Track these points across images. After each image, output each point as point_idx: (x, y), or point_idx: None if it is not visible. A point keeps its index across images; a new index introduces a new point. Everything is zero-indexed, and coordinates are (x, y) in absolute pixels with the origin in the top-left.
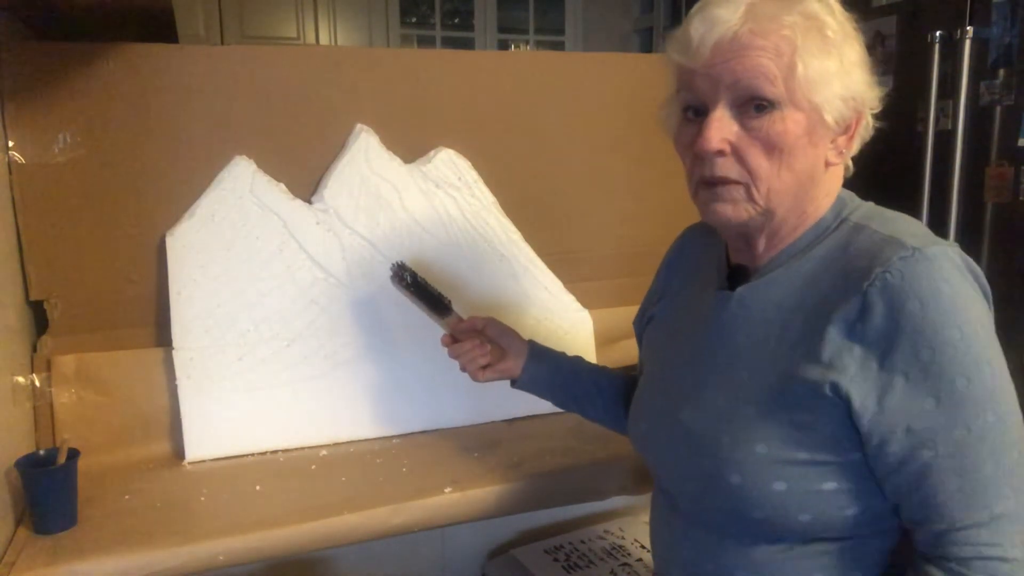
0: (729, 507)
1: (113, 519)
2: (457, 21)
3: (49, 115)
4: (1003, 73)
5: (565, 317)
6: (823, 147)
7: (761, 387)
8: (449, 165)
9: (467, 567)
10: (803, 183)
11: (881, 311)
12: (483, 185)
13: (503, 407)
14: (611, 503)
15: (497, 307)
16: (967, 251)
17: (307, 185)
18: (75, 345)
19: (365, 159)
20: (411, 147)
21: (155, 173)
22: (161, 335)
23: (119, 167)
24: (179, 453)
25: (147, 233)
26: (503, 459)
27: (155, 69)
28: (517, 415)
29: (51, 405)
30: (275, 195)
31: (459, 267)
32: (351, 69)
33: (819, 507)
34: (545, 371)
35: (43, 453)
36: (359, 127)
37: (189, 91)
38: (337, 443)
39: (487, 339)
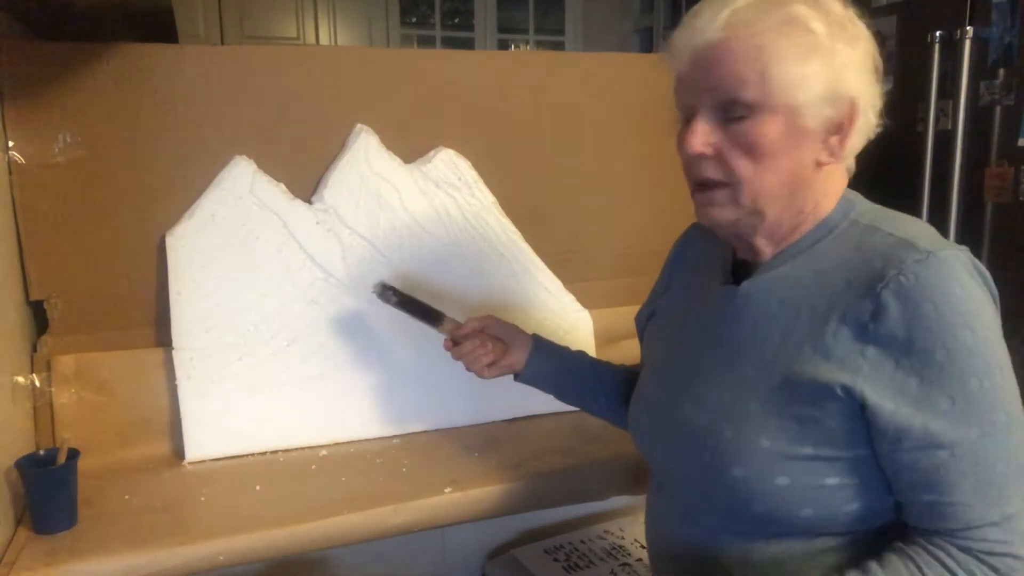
0: (729, 501)
1: (113, 519)
2: (457, 21)
3: (49, 115)
4: (1003, 73)
5: (565, 317)
6: (809, 148)
7: (766, 382)
8: (449, 165)
9: (467, 567)
10: (790, 184)
11: (896, 313)
12: (483, 185)
13: (503, 407)
14: (611, 503)
15: (497, 307)
16: None
17: (307, 185)
18: (75, 345)
19: (365, 159)
20: (411, 147)
21: (155, 173)
22: (161, 335)
23: (119, 167)
24: (179, 453)
25: (147, 233)
26: (503, 459)
27: (155, 69)
28: (517, 415)
29: (51, 405)
30: (275, 195)
31: (459, 267)
32: (351, 69)
33: (821, 502)
34: (549, 365)
35: (43, 453)
36: (359, 127)
37: (189, 91)
38: (337, 443)
39: (489, 337)
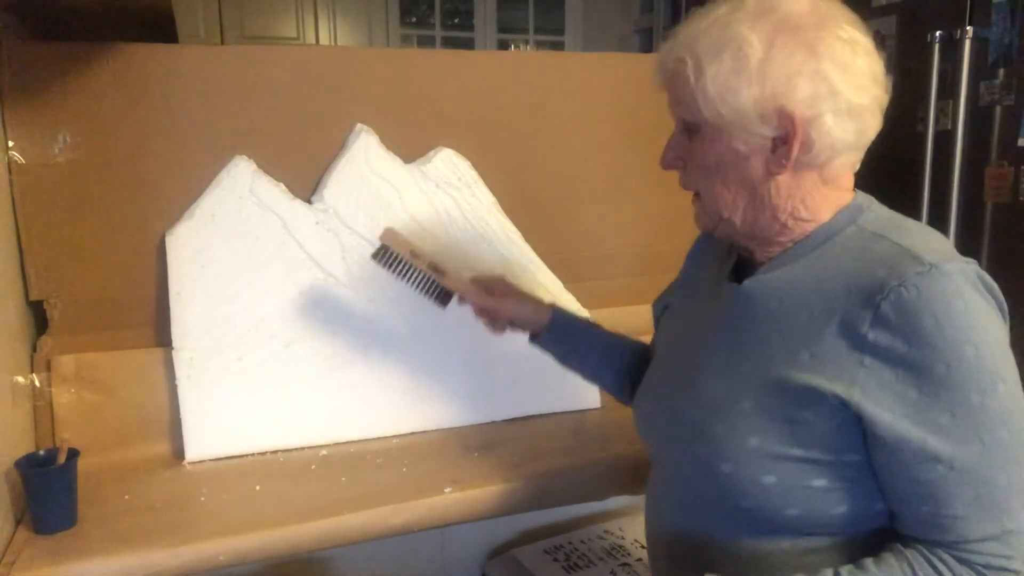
0: (719, 495)
1: (113, 519)
2: (457, 21)
3: (49, 115)
4: (1003, 73)
5: None
6: (755, 161)
7: (761, 381)
8: (449, 165)
9: (467, 567)
10: (748, 194)
11: (895, 325)
12: (483, 185)
13: (503, 407)
14: (611, 503)
15: None
16: (967, 252)
17: (307, 185)
18: (75, 345)
19: (365, 159)
20: (411, 147)
21: (155, 173)
22: (161, 335)
23: (119, 167)
24: (179, 453)
25: (147, 233)
26: (503, 459)
27: (155, 69)
28: (517, 415)
29: (51, 405)
30: (275, 195)
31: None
32: (351, 69)
33: (808, 503)
34: (569, 328)
35: (43, 453)
36: (359, 127)
37: (189, 91)
38: (337, 443)
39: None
